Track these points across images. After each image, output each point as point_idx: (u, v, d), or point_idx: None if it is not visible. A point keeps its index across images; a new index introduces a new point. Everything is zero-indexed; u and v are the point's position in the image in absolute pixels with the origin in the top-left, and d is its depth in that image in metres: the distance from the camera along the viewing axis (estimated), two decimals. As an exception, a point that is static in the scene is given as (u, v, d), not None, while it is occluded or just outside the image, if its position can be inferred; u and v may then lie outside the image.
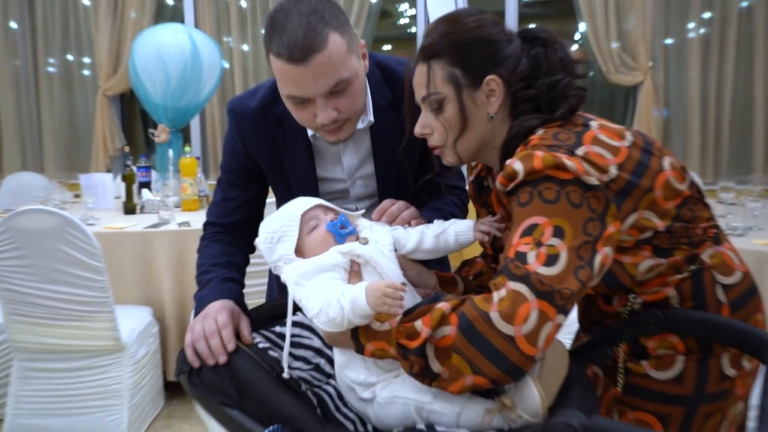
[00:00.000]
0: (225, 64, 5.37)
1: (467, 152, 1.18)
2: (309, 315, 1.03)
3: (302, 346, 1.21)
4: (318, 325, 1.02)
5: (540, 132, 1.07)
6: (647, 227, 1.05)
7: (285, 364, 1.06)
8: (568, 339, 1.38)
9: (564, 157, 0.97)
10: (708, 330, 1.08)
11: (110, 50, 5.40)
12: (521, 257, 0.95)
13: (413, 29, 5.47)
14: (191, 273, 2.95)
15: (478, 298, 0.95)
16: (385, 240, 1.18)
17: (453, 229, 1.22)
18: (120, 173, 4.56)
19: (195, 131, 5.51)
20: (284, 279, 1.08)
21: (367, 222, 1.24)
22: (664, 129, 4.74)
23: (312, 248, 1.13)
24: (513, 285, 0.93)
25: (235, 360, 1.12)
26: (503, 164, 1.06)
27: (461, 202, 1.52)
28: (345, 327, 0.99)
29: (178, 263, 2.95)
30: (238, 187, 1.49)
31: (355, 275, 1.09)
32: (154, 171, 3.95)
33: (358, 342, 1.02)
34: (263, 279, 1.78)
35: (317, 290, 1.02)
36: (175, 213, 3.28)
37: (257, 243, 1.20)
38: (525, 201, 0.99)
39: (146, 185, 3.60)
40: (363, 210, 1.28)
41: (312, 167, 1.44)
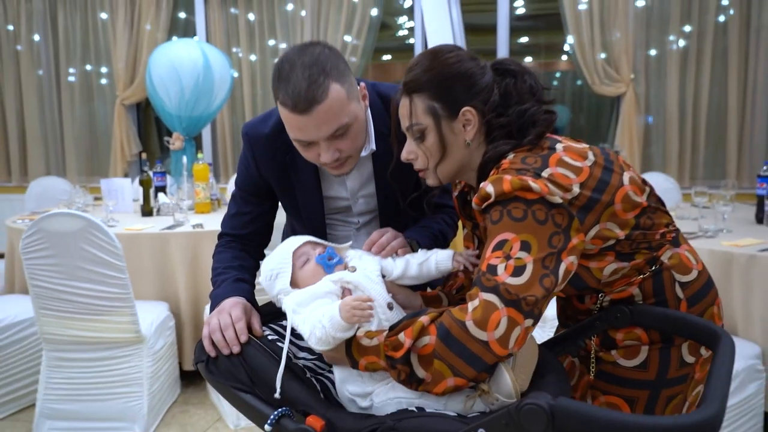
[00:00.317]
0: (234, 74, 5.40)
1: (447, 175, 1.23)
2: (305, 339, 1.09)
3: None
4: (313, 347, 1.09)
5: (511, 156, 1.11)
6: (609, 237, 1.10)
7: (278, 385, 1.08)
8: (551, 333, 1.44)
9: (530, 180, 1.03)
10: (668, 323, 1.15)
11: (127, 62, 5.44)
12: (492, 269, 1.01)
13: (411, 40, 5.46)
14: (204, 271, 3.03)
15: (455, 309, 1.01)
16: (373, 267, 1.24)
17: (434, 259, 1.27)
18: (136, 177, 4.61)
19: (206, 139, 5.55)
20: (284, 309, 1.14)
21: (357, 252, 1.29)
22: (645, 136, 4.76)
23: (305, 280, 1.20)
24: (485, 295, 0.99)
25: (248, 350, 1.17)
26: (480, 184, 1.12)
27: (451, 220, 1.56)
28: (332, 344, 1.06)
29: (193, 262, 2.99)
30: (251, 203, 1.53)
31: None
32: (169, 176, 4.00)
33: (353, 358, 1.08)
34: None
35: (308, 316, 1.08)
36: (189, 215, 3.33)
37: (259, 282, 1.26)
38: (496, 219, 1.05)
39: (162, 189, 3.64)
40: (350, 242, 1.33)
41: (318, 188, 1.48)
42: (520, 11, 6.26)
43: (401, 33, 6.54)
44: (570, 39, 4.75)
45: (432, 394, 1.03)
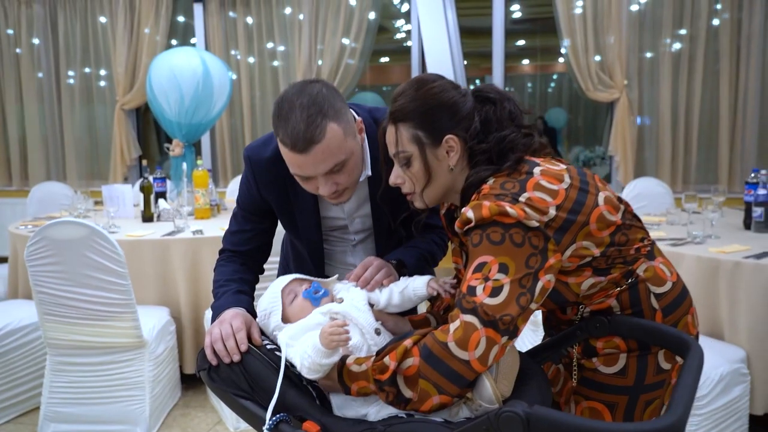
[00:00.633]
0: (233, 76, 5.45)
1: (433, 199, 1.30)
2: (298, 369, 1.16)
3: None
4: (306, 376, 1.16)
5: (491, 182, 1.18)
6: (586, 255, 1.17)
7: (268, 417, 1.12)
8: (539, 340, 1.51)
9: (507, 206, 1.10)
10: (642, 333, 1.22)
11: (127, 67, 5.49)
12: (471, 291, 1.08)
13: (408, 43, 5.51)
14: (205, 276, 3.10)
15: (437, 331, 1.09)
16: (359, 297, 1.31)
17: (411, 286, 1.35)
18: (136, 181, 4.66)
19: (206, 145, 5.60)
20: (279, 343, 1.21)
21: (344, 285, 1.36)
22: (638, 141, 4.82)
23: (295, 315, 1.27)
24: (465, 317, 1.07)
25: (247, 359, 1.23)
26: (462, 207, 1.19)
27: (440, 240, 1.61)
28: (321, 371, 1.13)
29: (193, 267, 3.04)
30: (251, 221, 1.58)
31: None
32: (169, 181, 4.05)
33: (344, 384, 1.14)
34: (270, 282, 1.87)
35: (298, 348, 1.16)
36: (189, 221, 3.38)
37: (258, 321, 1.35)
38: (476, 242, 1.12)
39: (162, 195, 3.70)
40: (336, 275, 1.39)
41: (316, 209, 1.55)
42: (517, 15, 6.35)
43: (399, 36, 6.62)
44: (568, 41, 4.81)
45: (420, 413, 1.10)
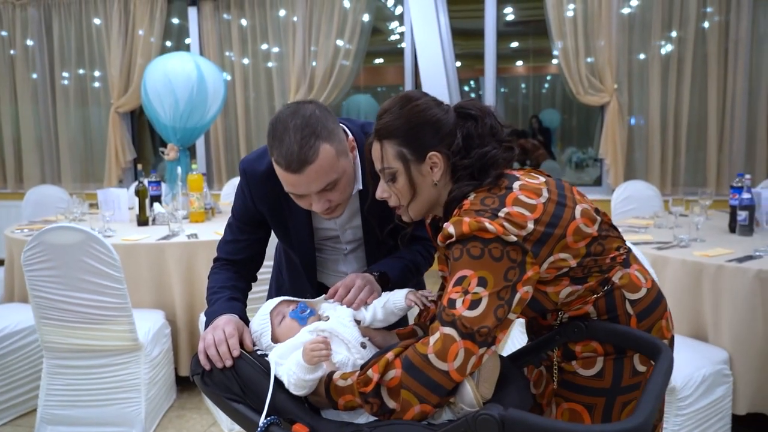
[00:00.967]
0: (227, 77, 5.51)
1: (419, 213, 1.35)
2: (287, 387, 1.21)
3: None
4: (294, 393, 1.20)
5: (472, 197, 1.22)
6: (563, 266, 1.22)
7: (267, 400, 1.17)
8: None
9: (486, 222, 1.15)
10: (617, 337, 1.27)
11: (122, 70, 5.53)
12: (451, 303, 1.14)
13: (402, 44, 5.55)
14: (199, 280, 3.15)
15: (418, 344, 1.15)
16: (345, 314, 1.36)
17: (391, 300, 1.40)
18: (131, 184, 4.70)
19: (200, 148, 5.65)
20: (270, 362, 1.26)
21: (331, 304, 1.41)
22: (628, 144, 4.89)
23: (284, 335, 1.32)
24: (444, 329, 1.13)
25: (240, 364, 1.28)
26: (447, 219, 1.25)
27: (426, 252, 1.66)
28: (306, 387, 1.19)
29: (188, 271, 3.09)
30: (246, 232, 1.63)
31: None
32: (164, 184, 4.10)
33: (331, 399, 1.19)
34: (264, 286, 1.92)
35: (286, 366, 1.21)
36: (184, 225, 3.43)
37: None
38: (457, 256, 1.17)
39: (157, 198, 3.74)
40: (323, 296, 1.45)
41: (309, 221, 1.60)
42: (510, 17, 6.41)
43: (393, 38, 6.68)
44: (559, 44, 4.87)
45: None
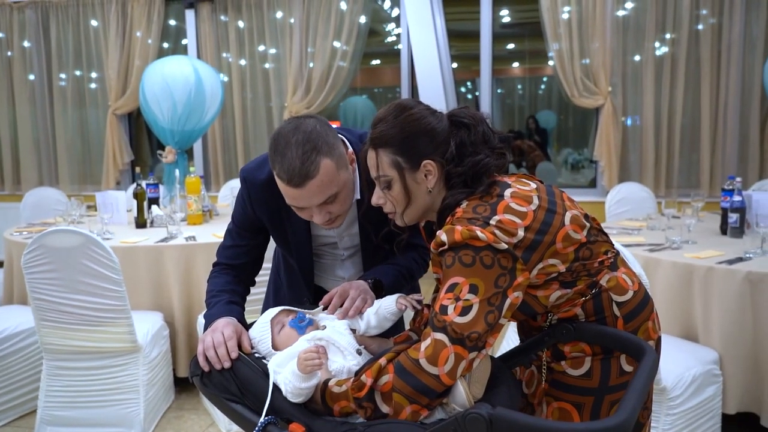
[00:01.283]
0: (224, 78, 5.54)
1: (413, 219, 1.38)
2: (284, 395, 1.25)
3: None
4: (292, 401, 1.24)
5: (464, 205, 1.26)
6: (552, 271, 1.26)
7: (267, 403, 1.21)
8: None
9: (478, 230, 1.18)
10: (604, 339, 1.31)
11: (119, 72, 5.56)
12: (443, 309, 1.18)
13: (399, 46, 5.60)
14: (197, 282, 3.19)
15: (410, 349, 1.19)
16: (341, 322, 1.40)
17: (383, 306, 1.44)
18: (128, 185, 4.73)
19: (198, 150, 5.68)
20: (269, 371, 1.29)
21: (326, 314, 1.45)
22: (623, 146, 4.94)
23: (283, 343, 1.36)
24: (435, 335, 1.17)
25: (238, 365, 1.32)
26: (441, 225, 1.29)
27: (421, 259, 1.69)
28: (303, 395, 1.22)
29: (186, 273, 3.12)
30: (245, 237, 1.67)
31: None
32: (162, 186, 4.13)
33: (327, 406, 1.22)
34: (262, 288, 1.95)
35: (283, 375, 1.25)
36: (182, 227, 3.47)
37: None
38: (449, 263, 1.20)
39: (155, 201, 3.76)
40: (321, 307, 1.48)
41: (307, 228, 1.64)
42: (506, 20, 6.46)
43: (389, 39, 6.72)
44: (554, 46, 4.91)
45: None
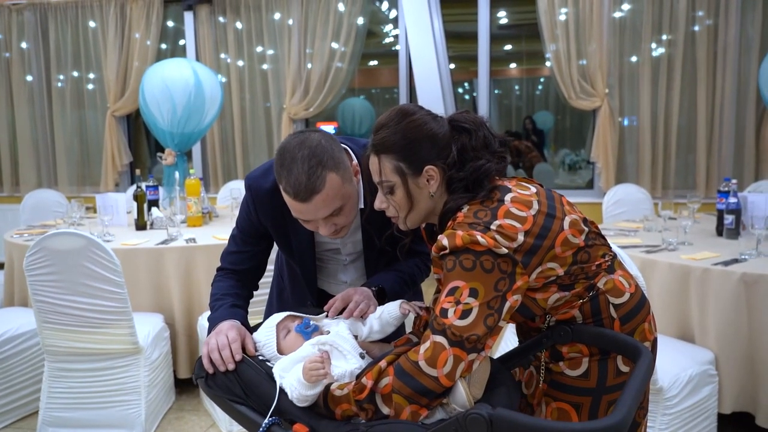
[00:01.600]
0: (222, 79, 5.56)
1: (415, 223, 1.41)
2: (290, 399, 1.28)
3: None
4: (298, 404, 1.26)
5: (465, 209, 1.28)
6: (551, 275, 1.28)
7: (274, 404, 1.25)
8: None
9: (479, 235, 1.20)
10: (601, 340, 1.34)
11: (118, 74, 5.58)
12: (444, 313, 1.20)
13: (397, 47, 5.63)
14: (198, 283, 3.22)
15: (410, 351, 1.22)
16: (344, 328, 1.43)
17: (386, 311, 1.47)
18: (127, 187, 4.74)
19: (196, 152, 5.70)
20: (274, 374, 1.31)
21: (331, 320, 1.48)
22: (620, 147, 4.97)
23: (288, 348, 1.39)
24: (435, 337, 1.19)
25: (242, 368, 1.35)
26: (442, 229, 1.31)
27: (424, 265, 1.72)
28: (308, 401, 1.25)
29: (186, 275, 3.14)
30: (249, 244, 1.70)
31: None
32: (161, 187, 4.15)
33: (329, 409, 1.25)
34: (265, 290, 1.97)
35: (289, 380, 1.27)
36: (182, 229, 3.49)
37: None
38: (450, 267, 1.22)
39: (155, 203, 3.78)
40: (325, 313, 1.51)
41: (311, 235, 1.65)
42: (504, 21, 6.49)
43: (387, 40, 6.76)
44: (551, 47, 4.93)
45: None
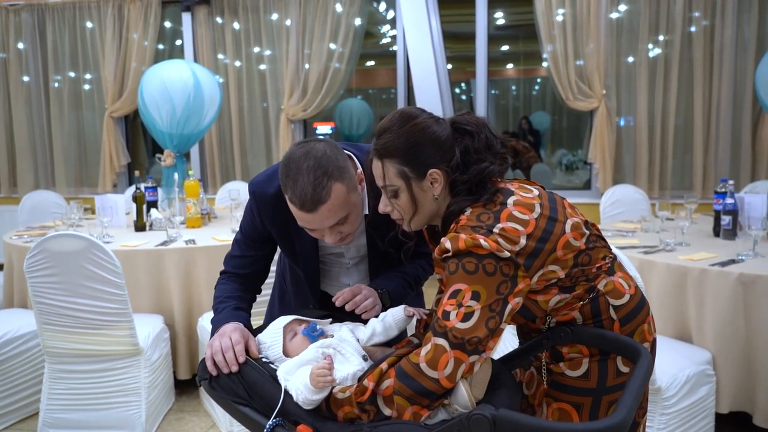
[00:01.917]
0: (220, 79, 5.55)
1: (419, 225, 1.42)
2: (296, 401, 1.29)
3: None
4: (303, 407, 1.28)
5: (468, 212, 1.29)
6: (552, 277, 1.28)
7: (279, 404, 1.27)
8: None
9: (481, 239, 1.21)
10: (601, 341, 1.36)
11: (116, 74, 5.58)
12: (446, 315, 1.21)
13: (394, 47, 5.64)
14: (197, 285, 3.23)
15: (411, 354, 1.23)
16: (346, 331, 1.45)
17: (390, 314, 1.48)
18: (125, 188, 4.74)
19: (194, 154, 5.70)
20: (278, 377, 1.33)
21: (336, 325, 1.50)
22: (617, 148, 4.99)
23: (294, 350, 1.40)
24: (436, 340, 1.21)
25: (245, 369, 1.36)
26: (445, 231, 1.32)
27: (428, 266, 1.71)
28: (314, 404, 1.27)
29: (186, 276, 3.15)
30: (252, 248, 1.71)
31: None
32: (160, 189, 4.15)
33: (332, 412, 1.27)
34: (267, 291, 1.97)
35: (294, 382, 1.29)
36: (181, 230, 3.50)
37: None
38: (453, 270, 1.23)
39: (154, 204, 3.79)
40: (330, 319, 1.52)
41: (315, 240, 1.65)
42: (501, 22, 6.51)
43: (385, 41, 6.77)
44: (548, 48, 4.95)
45: None
